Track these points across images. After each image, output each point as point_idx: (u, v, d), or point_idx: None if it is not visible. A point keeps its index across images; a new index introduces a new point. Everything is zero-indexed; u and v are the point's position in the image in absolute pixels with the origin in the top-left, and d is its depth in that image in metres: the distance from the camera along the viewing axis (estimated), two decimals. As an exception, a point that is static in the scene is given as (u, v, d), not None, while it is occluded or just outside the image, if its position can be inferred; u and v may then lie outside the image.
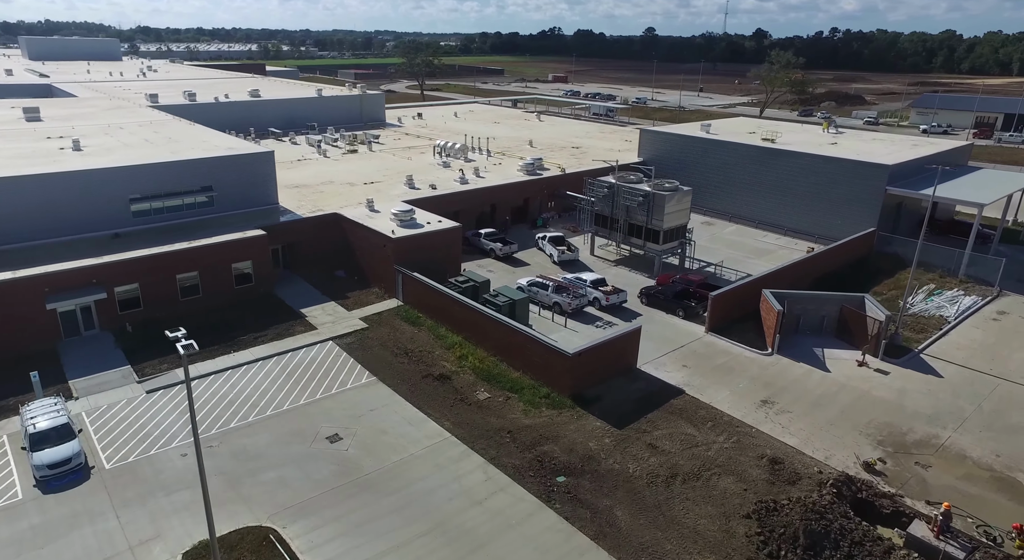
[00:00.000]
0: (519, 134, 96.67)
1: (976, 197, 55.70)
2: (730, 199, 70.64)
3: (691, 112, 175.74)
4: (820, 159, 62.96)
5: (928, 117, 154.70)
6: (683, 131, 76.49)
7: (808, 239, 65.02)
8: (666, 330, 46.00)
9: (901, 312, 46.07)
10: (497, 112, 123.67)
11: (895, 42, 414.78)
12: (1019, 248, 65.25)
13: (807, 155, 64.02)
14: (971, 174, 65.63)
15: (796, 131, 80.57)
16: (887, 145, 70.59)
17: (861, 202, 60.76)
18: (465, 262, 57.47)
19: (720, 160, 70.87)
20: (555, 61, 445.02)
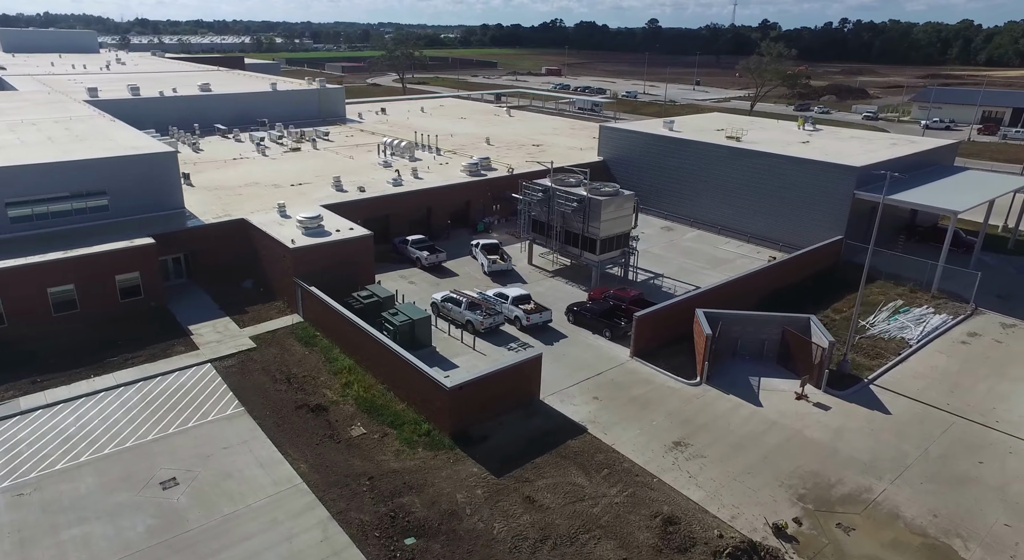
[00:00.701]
0: (482, 131, 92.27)
1: (950, 203, 50.82)
2: (692, 203, 65.99)
3: (681, 106, 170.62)
4: (785, 160, 58.24)
5: (931, 111, 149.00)
6: (643, 128, 71.80)
7: (773, 247, 60.42)
8: (587, 354, 41.54)
9: (851, 334, 41.39)
10: (469, 107, 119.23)
11: (908, 33, 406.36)
12: (1006, 257, 60.31)
13: (771, 155, 59.27)
14: (954, 177, 60.67)
15: (768, 128, 75.72)
16: (863, 144, 65.65)
17: (828, 207, 56.04)
18: (390, 272, 53.34)
19: (681, 160, 66.22)
20: (555, 54, 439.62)
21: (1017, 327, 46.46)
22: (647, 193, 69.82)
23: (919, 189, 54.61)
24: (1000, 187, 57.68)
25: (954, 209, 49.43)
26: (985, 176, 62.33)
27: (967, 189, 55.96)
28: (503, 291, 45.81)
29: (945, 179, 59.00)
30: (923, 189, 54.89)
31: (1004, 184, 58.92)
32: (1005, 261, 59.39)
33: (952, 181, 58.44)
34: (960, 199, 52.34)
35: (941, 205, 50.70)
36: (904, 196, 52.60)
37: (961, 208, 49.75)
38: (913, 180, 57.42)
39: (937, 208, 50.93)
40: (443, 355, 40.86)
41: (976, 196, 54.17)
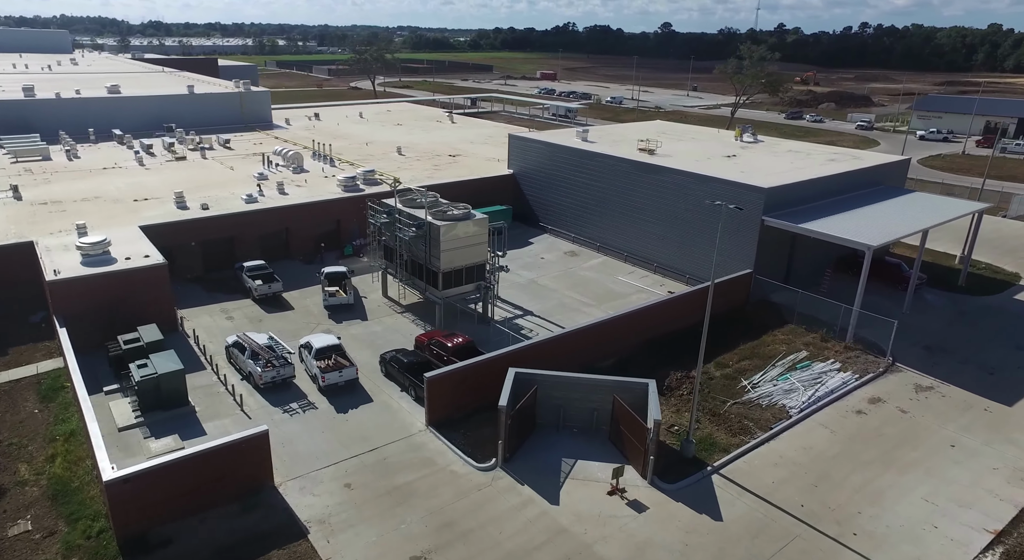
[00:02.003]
0: (407, 139, 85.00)
1: (867, 235, 42.25)
2: (600, 224, 57.99)
3: (664, 113, 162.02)
4: (692, 178, 50.02)
5: (930, 121, 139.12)
6: (550, 138, 63.77)
7: (680, 279, 52.22)
8: (378, 420, 33.81)
9: (694, 404, 33.23)
10: (417, 113, 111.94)
11: (931, 38, 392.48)
12: (954, 296, 51.48)
13: (677, 172, 51.07)
14: (895, 200, 52.02)
15: (701, 139, 67.23)
16: (797, 160, 57.07)
17: (737, 234, 47.70)
18: (214, 304, 46.13)
19: (588, 175, 58.22)
20: (564, 58, 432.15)
21: (933, 391, 37.87)
22: (556, 212, 62.04)
23: (838, 217, 46.10)
24: (941, 214, 48.89)
25: (868, 243, 40.90)
26: (932, 200, 53.47)
27: (900, 217, 47.36)
28: (310, 340, 38.16)
29: (881, 204, 50.34)
30: (844, 217, 46.34)
31: (947, 210, 50.08)
32: (952, 301, 50.62)
33: (888, 206, 49.77)
34: (883, 230, 43.79)
35: (854, 237, 42.16)
36: (816, 225, 44.20)
37: (877, 242, 41.22)
38: (839, 205, 49.02)
39: (848, 240, 42.35)
40: (200, 417, 33.34)
41: (906, 225, 45.54)
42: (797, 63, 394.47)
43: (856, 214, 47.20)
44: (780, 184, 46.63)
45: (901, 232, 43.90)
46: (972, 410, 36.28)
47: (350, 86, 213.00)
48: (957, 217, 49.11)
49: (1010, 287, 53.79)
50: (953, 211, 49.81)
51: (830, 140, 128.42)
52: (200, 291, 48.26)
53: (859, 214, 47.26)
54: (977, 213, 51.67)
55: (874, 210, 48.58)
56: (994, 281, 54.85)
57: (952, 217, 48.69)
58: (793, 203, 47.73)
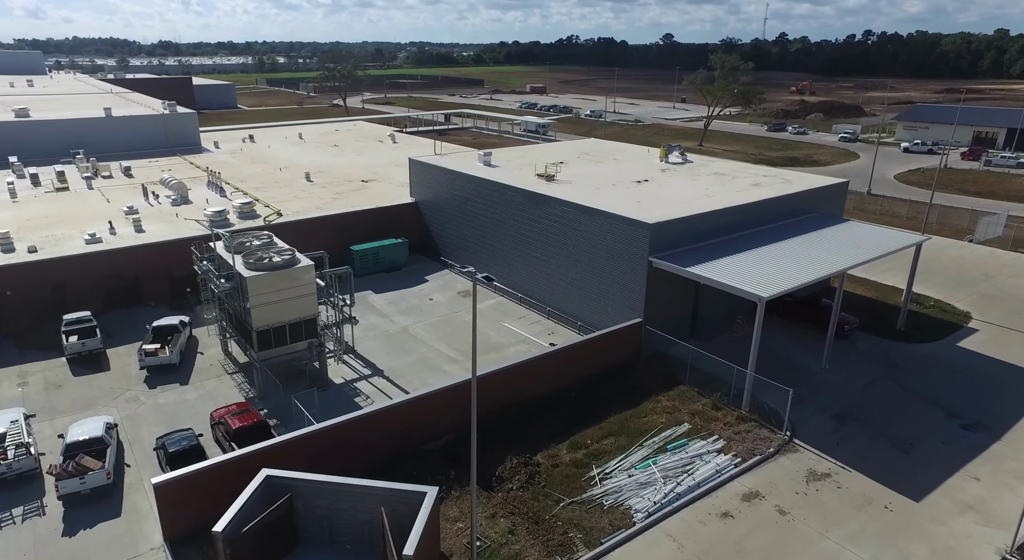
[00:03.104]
0: (331, 161, 78.93)
1: (761, 284, 34.78)
2: (496, 261, 51.03)
3: (643, 128, 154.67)
4: (578, 210, 42.85)
5: (917, 132, 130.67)
6: (448, 163, 56.69)
7: (572, 327, 45.03)
8: (115, 530, 26.80)
9: (473, 504, 25.95)
10: (362, 132, 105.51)
11: (936, 44, 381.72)
12: (890, 345, 43.77)
13: (563, 203, 43.92)
14: (816, 233, 44.47)
15: (624, 158, 59.80)
16: (717, 185, 49.63)
17: (623, 277, 40.47)
18: (22, 364, 39.45)
19: (484, 205, 51.25)
20: (564, 71, 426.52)
21: (829, 480, 30.32)
22: (456, 246, 55.17)
23: (740, 257, 38.72)
24: (868, 250, 41.20)
25: (760, 294, 33.39)
26: (864, 233, 45.71)
27: (817, 255, 39.84)
28: (71, 428, 31.33)
29: (801, 238, 42.84)
30: (748, 257, 38.93)
31: (877, 244, 42.38)
32: (884, 350, 42.91)
33: (808, 242, 42.21)
34: (789, 274, 36.25)
35: (744, 285, 34.68)
36: (705, 269, 36.83)
37: (769, 293, 33.72)
38: (750, 240, 41.75)
39: (737, 288, 34.86)
40: None
41: (820, 266, 37.95)
42: (799, 72, 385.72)
43: (764, 253, 39.69)
44: (672, 218, 39.24)
45: (810, 276, 36.28)
46: (870, 507, 28.69)
47: (332, 104, 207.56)
48: (884, 254, 41.36)
49: (956, 331, 45.93)
50: (884, 246, 42.13)
51: (808, 153, 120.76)
52: (11, 348, 41.75)
53: (768, 253, 39.75)
54: (916, 246, 43.89)
55: (789, 247, 41.03)
56: (939, 323, 47.01)
57: (879, 254, 40.97)
58: (692, 239, 40.38)
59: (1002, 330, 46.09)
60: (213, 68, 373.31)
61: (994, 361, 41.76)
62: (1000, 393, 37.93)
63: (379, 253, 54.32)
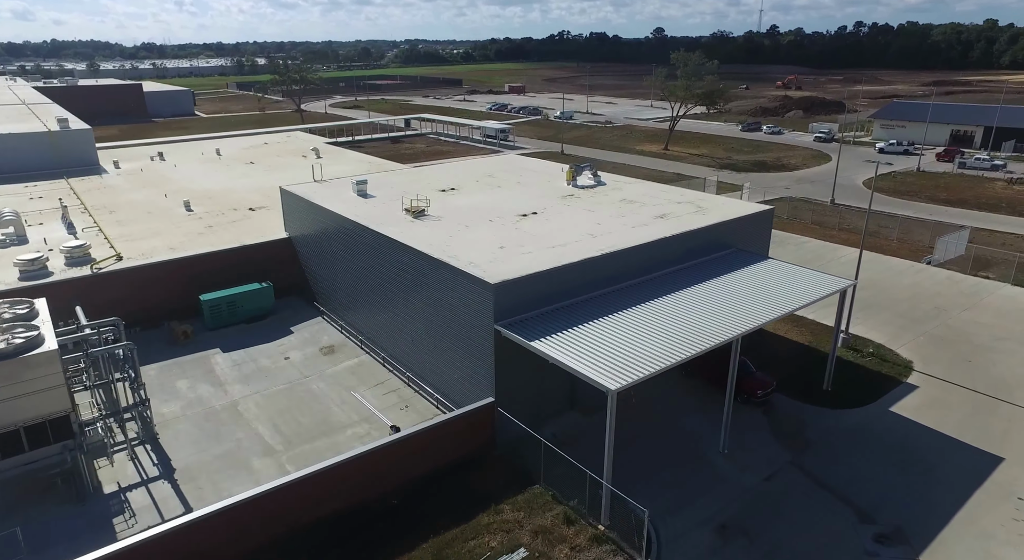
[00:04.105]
0: (230, 184, 71.47)
1: (612, 371, 27.17)
2: (363, 312, 43.81)
3: (612, 130, 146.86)
4: (425, 261, 35.26)
5: (894, 131, 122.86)
6: (313, 195, 48.99)
7: (432, 400, 37.59)
8: None
9: None
10: (290, 146, 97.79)
11: (926, 35, 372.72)
12: (815, 412, 36.19)
13: (410, 251, 36.35)
14: (727, 278, 36.77)
15: (528, 182, 52.03)
16: (620, 216, 42.00)
17: (472, 348, 32.97)
18: None
19: (345, 246, 43.82)
20: (555, 68, 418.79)
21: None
22: (327, 291, 48.04)
23: (602, 324, 31.05)
24: (777, 304, 33.54)
25: (608, 385, 25.81)
26: (781, 276, 37.95)
27: (709, 317, 32.18)
28: None
29: (699, 288, 35.32)
30: (615, 322, 31.33)
31: (793, 294, 34.72)
32: (805, 420, 35.35)
33: (702, 295, 34.61)
34: (658, 350, 28.62)
35: (593, 372, 27.12)
36: (551, 344, 29.22)
37: (621, 384, 26.09)
38: (636, 292, 34.19)
39: (583, 374, 27.24)
40: None
41: (706, 336, 30.27)
42: (791, 65, 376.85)
43: (642, 316, 32.09)
44: (525, 275, 31.63)
45: (687, 351, 28.65)
46: None
47: (297, 108, 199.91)
48: (800, 307, 33.71)
49: (892, 388, 38.39)
50: (801, 296, 34.51)
51: (778, 156, 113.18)
52: None
53: (647, 315, 32.14)
54: (841, 293, 36.27)
55: (677, 304, 33.42)
56: (875, 379, 39.49)
57: (793, 308, 33.35)
58: (556, 296, 32.86)
59: (944, 387, 38.56)
60: (191, 71, 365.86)
61: (929, 433, 34.29)
62: (930, 482, 30.50)
63: (236, 302, 46.87)
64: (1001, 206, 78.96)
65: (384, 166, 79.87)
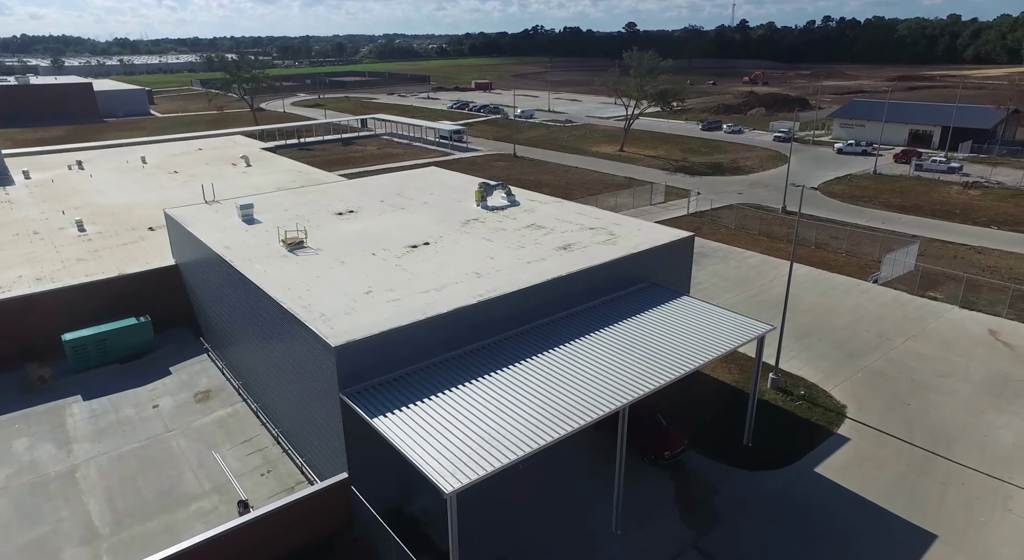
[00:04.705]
0: (140, 198, 65.64)
1: (452, 468, 22.01)
2: (237, 357, 38.39)
3: (572, 129, 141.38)
4: (277, 309, 29.75)
5: (853, 131, 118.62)
6: (188, 220, 43.22)
7: (296, 465, 32.26)
8: None
9: None
10: (224, 153, 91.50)
11: (893, 30, 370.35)
12: (726, 473, 31.36)
13: (264, 296, 30.86)
14: (627, 324, 31.68)
15: (437, 200, 46.54)
16: (517, 247, 36.80)
17: (321, 416, 27.67)
18: None
19: (219, 284, 38.25)
20: (527, 63, 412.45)
21: None
22: (212, 328, 42.44)
23: (466, 393, 25.83)
24: (677, 362, 28.48)
25: (444, 487, 20.59)
26: (694, 322, 32.88)
27: (593, 382, 27.09)
28: None
29: (589, 340, 30.10)
30: (483, 392, 26.08)
31: (701, 347, 29.65)
32: (714, 486, 30.43)
33: (592, 349, 29.44)
34: (521, 434, 23.47)
35: (432, 469, 21.87)
36: (393, 423, 24.02)
37: (459, 485, 20.89)
38: (504, 353, 28.84)
39: (421, 471, 21.98)
40: None
41: (588, 409, 25.14)
42: (761, 60, 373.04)
43: (519, 374, 26.89)
44: (376, 333, 26.32)
45: (554, 431, 23.49)
46: None
47: (257, 107, 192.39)
48: (704, 364, 28.63)
49: (822, 441, 33.66)
50: (710, 347, 29.46)
51: (735, 157, 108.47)
52: None
53: (524, 374, 27.00)
54: (759, 339, 31.29)
55: (564, 358, 28.28)
56: (802, 428, 34.69)
57: (697, 365, 28.27)
58: (423, 353, 27.60)
59: (877, 438, 33.83)
60: (159, 67, 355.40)
61: (854, 502, 29.52)
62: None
63: (106, 340, 41.20)
64: (955, 213, 74.74)
65: (312, 176, 74.19)
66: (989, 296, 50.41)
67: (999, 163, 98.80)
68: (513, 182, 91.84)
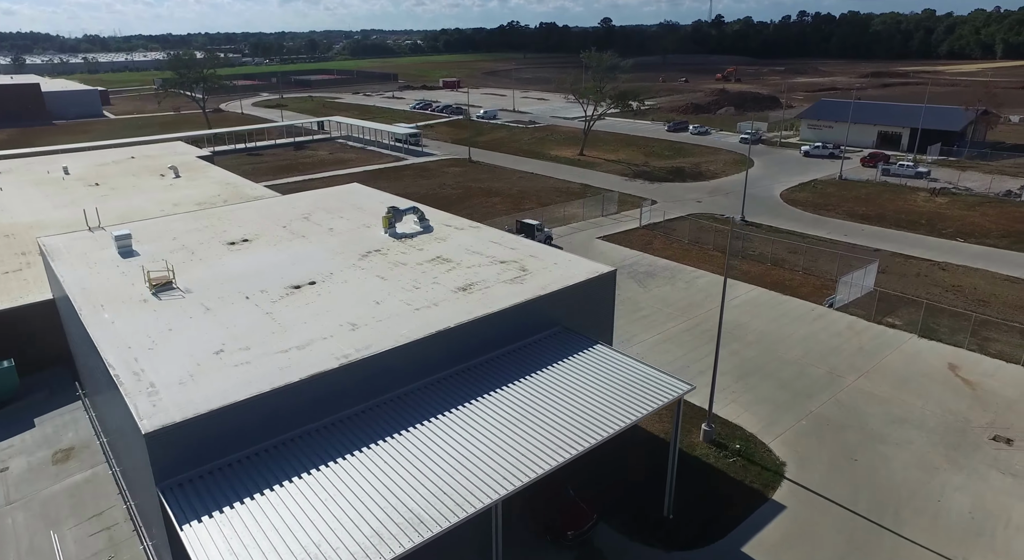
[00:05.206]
0: (43, 217, 59.76)
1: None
2: (100, 417, 33.18)
3: (534, 131, 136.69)
4: (105, 375, 24.83)
5: (821, 132, 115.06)
6: (56, 250, 38.08)
7: (144, 549, 27.38)
8: None
9: None
10: (157, 161, 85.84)
11: (868, 25, 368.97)
12: (649, 556, 26.93)
13: (93, 347, 25.99)
14: (527, 382, 27.28)
15: (341, 223, 41.59)
16: (399, 291, 32.01)
17: (152, 506, 22.94)
18: None
19: (74, 331, 33.19)
20: (501, 60, 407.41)
21: None
22: (82, 374, 37.15)
23: (292, 492, 21.23)
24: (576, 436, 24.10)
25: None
26: (605, 380, 28.46)
27: (460, 468, 22.77)
28: None
29: (469, 410, 25.63)
30: (318, 487, 21.49)
31: (609, 415, 25.30)
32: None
33: (478, 416, 24.99)
34: (343, 547, 18.94)
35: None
36: (196, 534, 19.22)
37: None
38: (355, 435, 24.34)
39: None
40: None
41: (447, 507, 20.71)
42: (736, 55, 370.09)
43: (375, 459, 22.36)
44: (203, 412, 21.66)
45: (404, 542, 18.98)
46: None
47: (215, 109, 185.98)
48: (599, 442, 24.19)
49: (755, 509, 29.44)
50: (615, 416, 25.06)
51: (698, 161, 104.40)
52: None
53: (382, 458, 22.43)
54: (677, 402, 26.91)
55: (435, 434, 23.73)
56: (734, 493, 30.47)
57: (597, 440, 23.85)
58: (272, 430, 22.95)
59: (818, 505, 29.66)
60: (125, 65, 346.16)
61: (787, 595, 25.14)
62: None
63: (-41, 387, 36.03)
64: (921, 223, 71.10)
65: (240, 190, 69.03)
66: (950, 323, 46.57)
67: (967, 167, 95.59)
68: (464, 190, 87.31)
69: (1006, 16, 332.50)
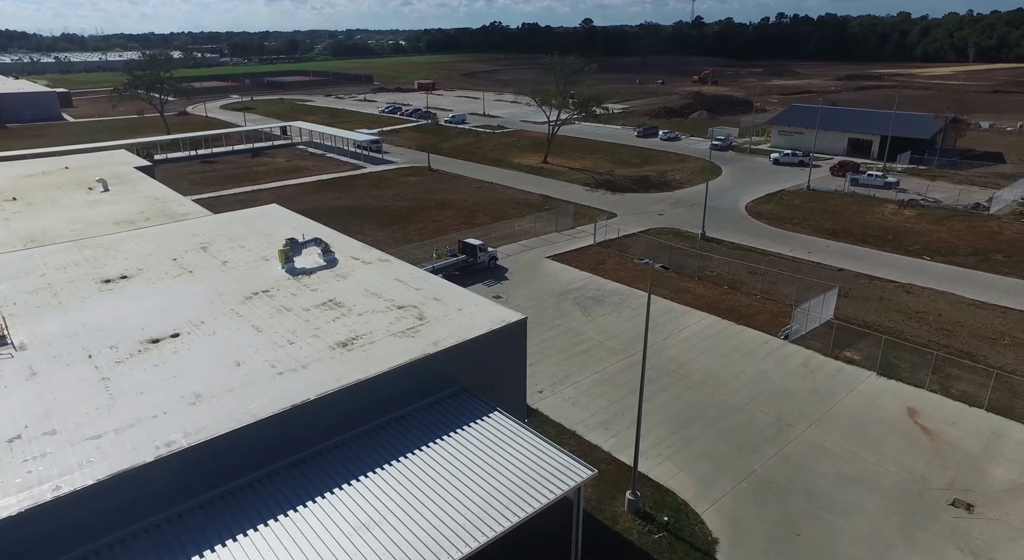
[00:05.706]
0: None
1: None
2: None
3: (501, 136, 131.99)
4: None
5: (792, 138, 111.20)
6: None
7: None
8: None
9: None
10: (87, 173, 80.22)
11: (844, 27, 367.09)
12: None
13: None
14: (401, 467, 22.81)
15: (238, 254, 36.73)
16: (277, 347, 27.27)
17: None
18: None
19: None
20: (486, 60, 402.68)
21: None
22: None
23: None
24: (442, 546, 19.43)
25: None
26: (500, 455, 23.95)
27: None
28: None
29: (340, 495, 21.04)
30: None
31: (484, 516, 20.81)
32: None
33: (329, 520, 20.26)
34: None
35: None
36: None
37: None
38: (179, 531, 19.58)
39: None
40: None
41: None
42: (715, 57, 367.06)
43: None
44: (35, 505, 16.76)
45: None
46: None
47: (181, 112, 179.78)
48: (471, 552, 19.57)
49: (676, 610, 24.74)
50: (495, 517, 20.47)
51: (665, 169, 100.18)
52: None
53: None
54: (576, 494, 22.34)
55: (265, 543, 18.96)
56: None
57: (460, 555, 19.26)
58: (61, 545, 18.10)
59: (753, 600, 25.13)
60: (99, 65, 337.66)
61: None
62: None
63: None
64: (888, 239, 67.13)
65: (166, 207, 63.64)
66: (912, 358, 42.40)
67: (937, 176, 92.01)
68: (417, 202, 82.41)
69: (978, 20, 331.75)
